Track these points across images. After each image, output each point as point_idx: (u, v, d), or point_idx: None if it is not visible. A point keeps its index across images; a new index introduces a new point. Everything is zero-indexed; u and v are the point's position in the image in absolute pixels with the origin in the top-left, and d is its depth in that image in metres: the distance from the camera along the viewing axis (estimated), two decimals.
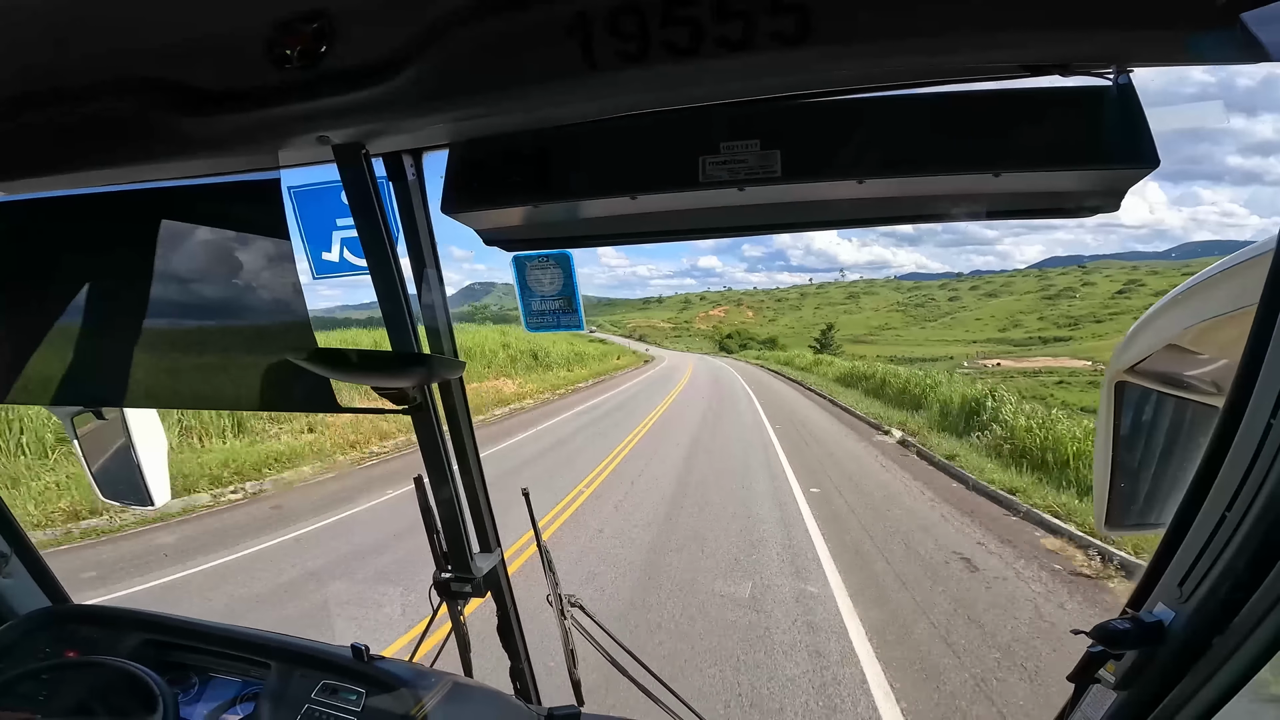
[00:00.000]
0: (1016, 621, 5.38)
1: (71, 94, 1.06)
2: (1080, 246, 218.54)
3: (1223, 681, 0.73)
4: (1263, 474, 0.68)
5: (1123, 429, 1.45)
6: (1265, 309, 0.71)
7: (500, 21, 0.88)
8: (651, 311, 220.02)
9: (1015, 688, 4.34)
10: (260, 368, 1.42)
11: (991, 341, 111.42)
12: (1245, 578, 0.70)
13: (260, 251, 1.32)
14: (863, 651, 4.85)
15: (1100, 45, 0.82)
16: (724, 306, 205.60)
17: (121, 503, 2.13)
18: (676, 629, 5.16)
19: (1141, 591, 0.88)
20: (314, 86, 0.97)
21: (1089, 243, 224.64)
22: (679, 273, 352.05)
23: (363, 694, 1.51)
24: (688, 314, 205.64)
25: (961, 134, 0.97)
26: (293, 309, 1.30)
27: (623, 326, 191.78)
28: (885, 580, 6.36)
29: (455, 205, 1.18)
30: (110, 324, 1.46)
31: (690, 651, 4.76)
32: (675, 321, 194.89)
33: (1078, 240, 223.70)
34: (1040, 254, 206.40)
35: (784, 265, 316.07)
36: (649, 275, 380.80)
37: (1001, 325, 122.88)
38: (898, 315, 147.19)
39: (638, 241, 1.32)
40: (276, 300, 1.32)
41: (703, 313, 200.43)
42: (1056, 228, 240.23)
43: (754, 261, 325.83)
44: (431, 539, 1.56)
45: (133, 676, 1.48)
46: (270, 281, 1.31)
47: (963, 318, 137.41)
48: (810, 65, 0.87)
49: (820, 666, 4.60)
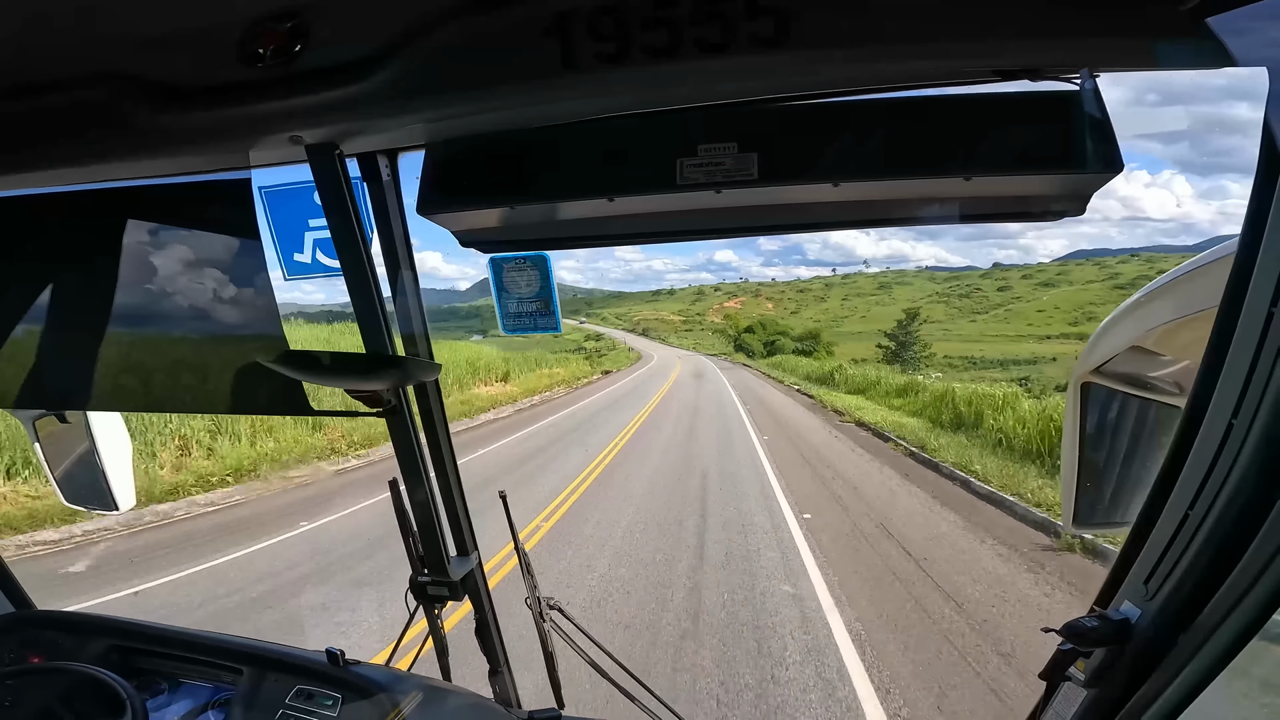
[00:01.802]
0: None
1: (35, 87, 1.03)
2: (1105, 240, 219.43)
3: (1189, 678, 0.74)
4: (1224, 474, 0.70)
5: (1088, 429, 1.48)
6: (1225, 311, 0.73)
7: (479, 21, 0.87)
8: (661, 304, 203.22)
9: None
10: (230, 369, 1.39)
11: (1065, 337, 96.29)
12: (1208, 576, 0.72)
13: (230, 252, 1.30)
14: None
15: (1068, 52, 0.84)
16: (740, 298, 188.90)
17: (85, 507, 2.08)
18: None
19: (1109, 589, 0.90)
20: (287, 85, 0.96)
21: (1114, 236, 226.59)
22: (695, 267, 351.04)
23: (339, 699, 1.49)
24: (700, 306, 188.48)
25: (934, 138, 0.99)
26: (263, 310, 1.28)
27: (628, 320, 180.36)
28: None
29: (431, 206, 1.17)
30: (75, 325, 1.42)
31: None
32: (687, 314, 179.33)
33: (1102, 234, 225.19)
34: (1064, 248, 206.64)
35: (801, 259, 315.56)
36: (664, 269, 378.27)
37: (1071, 318, 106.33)
38: (939, 307, 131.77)
39: (615, 243, 1.32)
40: (246, 301, 1.30)
41: (717, 304, 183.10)
42: (1081, 221, 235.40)
43: (770, 256, 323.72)
44: (407, 542, 1.54)
45: (99, 682, 1.44)
46: (241, 282, 1.29)
47: (1020, 309, 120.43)
48: (787, 68, 0.87)
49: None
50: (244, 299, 1.30)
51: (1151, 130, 11.24)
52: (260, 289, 1.28)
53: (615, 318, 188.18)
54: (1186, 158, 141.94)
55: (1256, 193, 0.68)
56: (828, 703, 4.04)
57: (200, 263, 1.32)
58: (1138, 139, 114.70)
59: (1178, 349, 1.27)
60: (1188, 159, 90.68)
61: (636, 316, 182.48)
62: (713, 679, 4.28)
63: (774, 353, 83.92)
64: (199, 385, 1.45)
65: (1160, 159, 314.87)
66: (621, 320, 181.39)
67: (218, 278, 1.31)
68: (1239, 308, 0.70)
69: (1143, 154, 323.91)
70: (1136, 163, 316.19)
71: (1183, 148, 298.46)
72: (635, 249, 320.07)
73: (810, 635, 4.97)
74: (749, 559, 6.75)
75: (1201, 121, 63.29)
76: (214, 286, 1.32)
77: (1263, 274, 0.67)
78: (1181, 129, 35.56)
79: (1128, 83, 1.46)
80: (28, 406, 1.77)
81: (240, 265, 1.28)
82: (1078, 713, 0.92)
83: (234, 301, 1.31)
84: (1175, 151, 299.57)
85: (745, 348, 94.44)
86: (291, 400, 1.35)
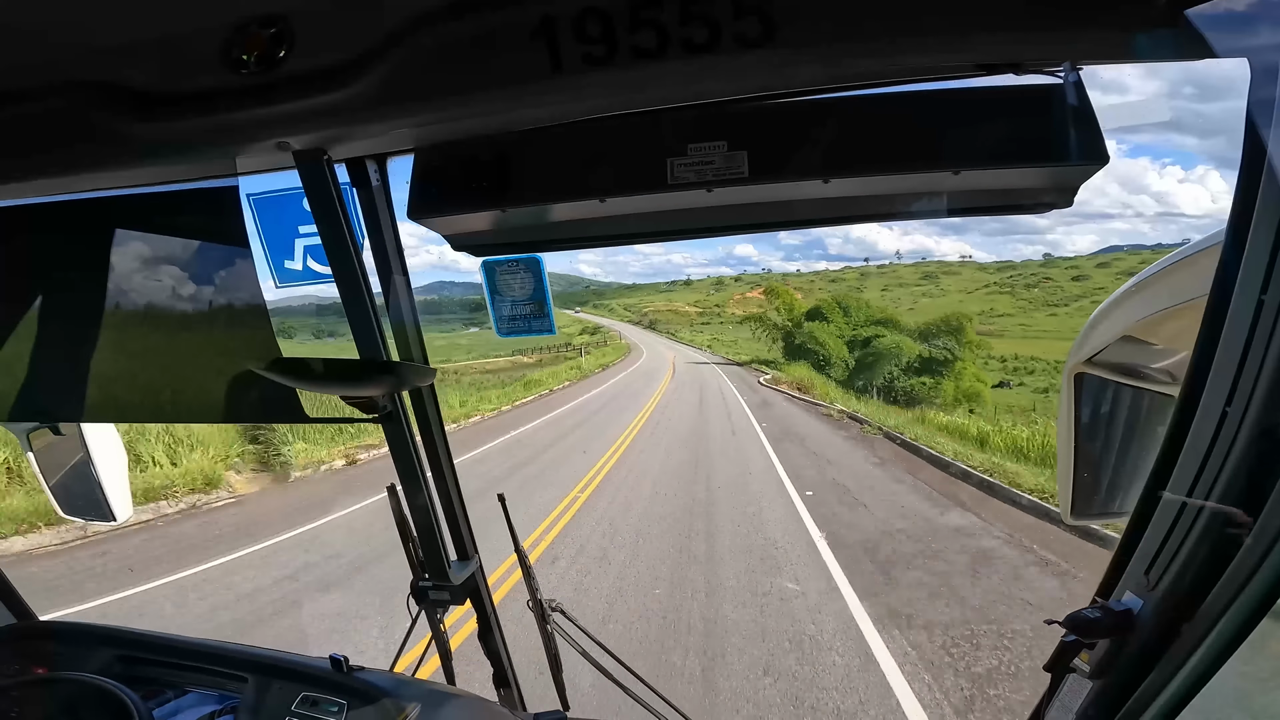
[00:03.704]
0: None
1: (12, 96, 1.02)
2: (1138, 236, 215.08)
3: (1195, 667, 0.74)
4: (1219, 462, 0.71)
5: (1083, 419, 1.49)
6: (1216, 299, 0.73)
7: (465, 25, 0.87)
8: (676, 294, 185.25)
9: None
10: (223, 378, 1.39)
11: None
12: (1207, 565, 0.73)
13: (220, 260, 1.29)
14: None
15: (1050, 45, 0.85)
16: (763, 288, 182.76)
17: (82, 519, 2.08)
18: None
19: (1110, 579, 0.90)
20: (273, 91, 0.95)
21: (1146, 232, 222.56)
22: (714, 261, 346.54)
23: (344, 705, 1.49)
24: (719, 296, 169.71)
25: (922, 133, 0.99)
26: (255, 318, 1.28)
27: (636, 311, 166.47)
28: None
29: (421, 211, 1.17)
30: (67, 337, 1.42)
31: None
32: (704, 305, 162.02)
33: (1134, 230, 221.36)
34: (1094, 243, 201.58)
35: (821, 254, 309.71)
36: (684, 264, 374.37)
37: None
38: (1002, 298, 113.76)
39: (608, 244, 1.32)
40: (238, 309, 1.30)
41: (738, 294, 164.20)
42: (1112, 217, 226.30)
43: (790, 250, 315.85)
44: (407, 548, 1.54)
45: (104, 692, 1.44)
46: (231, 290, 1.28)
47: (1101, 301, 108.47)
48: (774, 66, 0.87)
49: None
50: (235, 307, 1.30)
51: (1191, 124, 10.95)
52: (251, 296, 1.28)
53: (624, 309, 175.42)
54: (1223, 152, 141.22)
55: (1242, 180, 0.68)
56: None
57: (190, 271, 1.31)
58: (1172, 134, 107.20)
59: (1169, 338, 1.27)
60: (1224, 154, 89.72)
61: (648, 308, 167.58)
62: None
63: (871, 368, 42.59)
64: (193, 395, 1.44)
65: (1195, 154, 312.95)
66: (630, 311, 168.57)
67: (208, 286, 1.31)
68: (1229, 296, 0.71)
69: (1177, 149, 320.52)
70: (1170, 157, 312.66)
71: (1219, 142, 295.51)
72: (654, 244, 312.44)
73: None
74: None
75: (1237, 116, 64.52)
76: (204, 295, 1.31)
77: (1251, 262, 0.67)
78: (1219, 123, 35.18)
79: (1164, 74, 1.33)
80: (20, 420, 1.76)
81: (230, 273, 1.28)
82: (1084, 704, 0.93)
83: (225, 309, 1.31)
84: (1211, 146, 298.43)
85: (809, 352, 45.66)
86: (286, 408, 1.34)
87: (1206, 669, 0.74)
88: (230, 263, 1.27)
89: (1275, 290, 0.64)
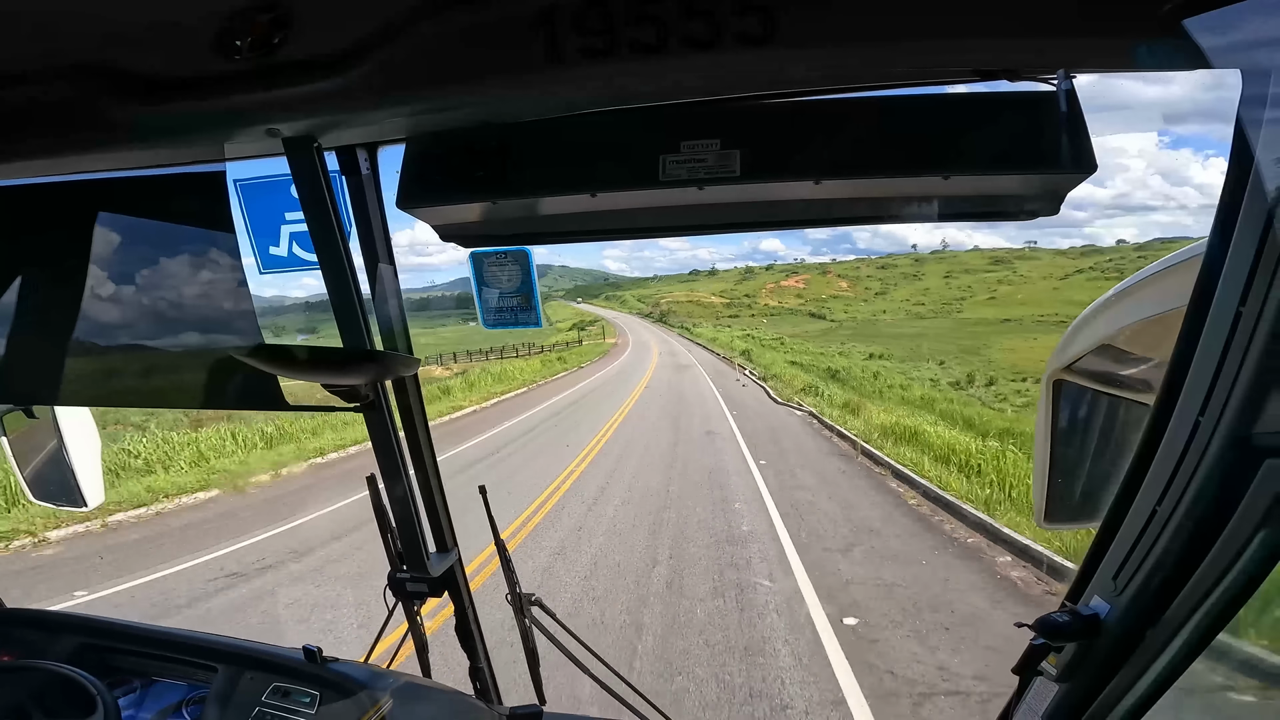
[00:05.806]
0: None
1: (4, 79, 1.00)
2: (1181, 230, 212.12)
3: (1158, 672, 0.76)
4: (1190, 471, 0.72)
5: (1060, 426, 1.51)
6: (1194, 310, 0.74)
7: (463, 14, 0.86)
8: (699, 284, 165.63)
9: None
10: (203, 364, 1.37)
11: None
12: (1174, 572, 0.74)
13: (204, 245, 1.27)
14: None
15: (1046, 52, 0.85)
16: (803, 275, 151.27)
17: (53, 504, 2.04)
18: None
19: (1079, 585, 0.92)
20: (265, 77, 0.93)
21: (1189, 224, 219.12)
22: (740, 256, 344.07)
23: (316, 696, 1.48)
24: (749, 286, 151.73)
25: (914, 137, 1.00)
26: (237, 304, 1.27)
27: (649, 302, 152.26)
28: None
29: (412, 200, 1.16)
30: (44, 319, 1.39)
31: None
32: (731, 295, 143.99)
33: (1176, 222, 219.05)
34: (1136, 235, 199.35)
35: (850, 248, 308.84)
36: (711, 258, 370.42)
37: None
38: (1097, 285, 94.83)
39: (597, 239, 1.32)
40: (221, 295, 1.28)
41: (770, 284, 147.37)
42: (1155, 208, 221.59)
43: (818, 245, 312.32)
44: (386, 538, 1.53)
45: (70, 680, 1.42)
46: (214, 276, 1.27)
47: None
48: (773, 66, 0.88)
49: None
50: (218, 293, 1.28)
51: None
52: (235, 283, 1.26)
53: (638, 300, 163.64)
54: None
55: (1227, 192, 0.69)
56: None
57: (174, 256, 1.29)
58: (1215, 124, 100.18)
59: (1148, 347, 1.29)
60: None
61: (663, 298, 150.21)
62: None
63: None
64: (172, 380, 1.42)
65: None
66: (643, 303, 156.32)
67: (192, 271, 1.29)
68: (1207, 307, 0.71)
69: (1220, 140, 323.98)
70: (1214, 149, 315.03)
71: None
72: (680, 239, 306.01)
73: None
74: None
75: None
76: (188, 280, 1.29)
77: (1231, 273, 0.68)
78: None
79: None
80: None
81: (215, 259, 1.26)
82: (1050, 707, 0.94)
83: (208, 295, 1.29)
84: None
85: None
86: (266, 395, 1.33)
87: (1171, 673, 0.75)
88: (215, 248, 1.25)
89: (1253, 302, 0.65)
